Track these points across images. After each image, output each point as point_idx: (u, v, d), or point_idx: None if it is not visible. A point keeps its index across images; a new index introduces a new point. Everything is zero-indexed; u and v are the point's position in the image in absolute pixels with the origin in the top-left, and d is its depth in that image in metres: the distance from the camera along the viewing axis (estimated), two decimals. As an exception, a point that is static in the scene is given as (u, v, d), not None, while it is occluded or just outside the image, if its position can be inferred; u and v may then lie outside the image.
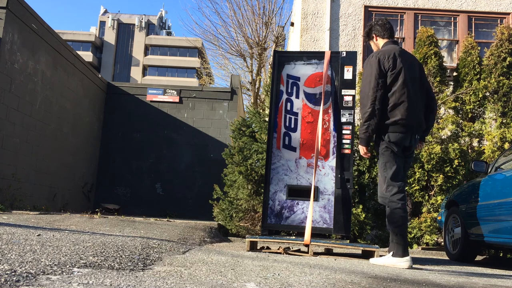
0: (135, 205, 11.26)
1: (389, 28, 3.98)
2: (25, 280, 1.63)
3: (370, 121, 3.64)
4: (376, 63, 3.70)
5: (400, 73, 3.67)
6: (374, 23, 4.05)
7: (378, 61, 3.70)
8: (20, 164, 8.15)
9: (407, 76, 3.68)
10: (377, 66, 3.68)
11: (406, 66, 3.71)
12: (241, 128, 6.63)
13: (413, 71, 3.77)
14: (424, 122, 3.86)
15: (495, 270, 4.19)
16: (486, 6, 8.96)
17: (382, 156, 3.75)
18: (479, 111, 7.55)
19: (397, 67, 3.68)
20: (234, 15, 16.23)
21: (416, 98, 3.75)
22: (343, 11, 8.95)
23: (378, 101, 3.63)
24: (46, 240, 2.85)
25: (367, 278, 2.57)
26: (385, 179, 3.70)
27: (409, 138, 3.72)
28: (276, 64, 4.68)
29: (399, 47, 3.89)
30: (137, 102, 11.92)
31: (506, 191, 4.15)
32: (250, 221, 6.28)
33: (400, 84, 3.66)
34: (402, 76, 3.67)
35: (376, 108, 3.62)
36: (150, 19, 59.93)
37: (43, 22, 8.67)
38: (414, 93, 3.72)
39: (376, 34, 4.00)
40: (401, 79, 3.66)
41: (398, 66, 3.68)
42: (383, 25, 3.98)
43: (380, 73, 3.66)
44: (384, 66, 3.67)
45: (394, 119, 3.64)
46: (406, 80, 3.67)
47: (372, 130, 3.67)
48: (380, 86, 3.64)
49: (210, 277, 2.10)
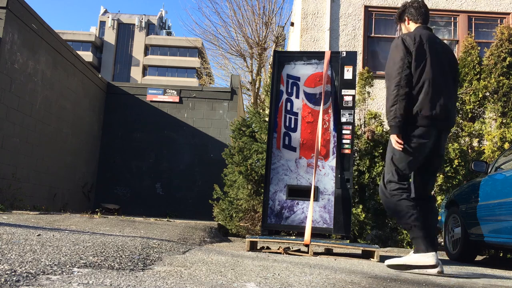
0: (135, 205, 11.26)
1: (424, 12, 3.60)
2: (25, 280, 1.63)
3: (396, 105, 3.26)
4: (401, 43, 3.38)
5: (425, 57, 3.33)
6: (409, 4, 3.67)
7: (402, 42, 3.36)
8: (20, 164, 8.15)
9: (433, 63, 3.32)
10: (403, 47, 3.34)
11: (434, 53, 3.35)
12: (241, 128, 6.63)
13: (440, 60, 3.39)
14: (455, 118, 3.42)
15: (495, 270, 4.19)
16: (486, 6, 8.96)
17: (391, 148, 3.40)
18: (479, 111, 7.55)
19: (421, 50, 3.33)
20: (234, 15, 16.24)
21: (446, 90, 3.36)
22: (343, 11, 8.95)
23: (405, 82, 3.27)
24: (46, 240, 2.85)
25: (367, 278, 2.57)
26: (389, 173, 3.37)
27: (433, 134, 3.31)
28: (276, 64, 4.68)
29: (432, 33, 3.53)
30: (137, 102, 11.92)
31: (506, 191, 4.15)
32: (250, 221, 6.27)
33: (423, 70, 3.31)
34: (426, 60, 3.33)
35: (403, 90, 3.26)
36: (150, 19, 59.95)
37: (43, 22, 8.67)
38: (441, 84, 3.34)
39: (408, 17, 3.63)
40: (426, 64, 3.32)
41: (422, 48, 3.33)
42: (419, 8, 3.59)
43: (406, 53, 3.33)
44: (410, 48, 3.32)
45: (416, 109, 3.28)
46: (430, 65, 3.31)
47: (402, 114, 3.25)
48: (405, 67, 3.28)
49: (210, 277, 2.10)
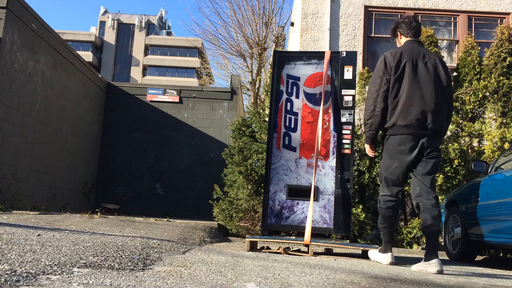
0: (135, 205, 11.25)
1: (415, 26, 3.75)
2: (25, 280, 1.63)
3: (372, 119, 3.57)
4: (382, 60, 3.60)
5: (403, 72, 3.50)
6: (401, 20, 3.84)
7: (384, 59, 3.59)
8: (20, 164, 8.15)
9: (411, 78, 3.48)
10: (383, 64, 3.57)
11: (411, 63, 3.51)
12: (241, 128, 6.63)
13: (423, 73, 3.52)
14: (440, 124, 3.54)
15: (495, 270, 4.19)
16: (486, 6, 8.96)
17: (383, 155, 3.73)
18: (479, 111, 7.55)
19: (400, 65, 3.51)
20: (234, 15, 16.24)
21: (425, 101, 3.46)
22: (343, 11, 8.95)
23: (381, 98, 3.52)
24: (46, 240, 2.85)
25: (367, 278, 2.57)
26: (381, 181, 3.74)
27: (411, 141, 3.46)
28: (276, 64, 4.68)
29: (418, 46, 3.67)
30: (137, 102, 11.91)
31: (506, 191, 4.15)
32: (250, 221, 6.27)
33: (401, 83, 3.50)
34: (404, 74, 3.49)
35: (379, 106, 3.52)
36: (150, 19, 59.95)
37: (43, 22, 8.67)
38: (420, 96, 3.46)
39: (400, 31, 3.81)
40: (404, 77, 3.49)
41: (401, 64, 3.51)
42: (409, 23, 3.76)
43: (385, 70, 3.53)
44: (391, 65, 3.53)
45: (392, 120, 3.51)
46: (408, 78, 3.48)
47: (376, 128, 3.59)
48: (383, 84, 3.52)
49: (210, 277, 2.10)
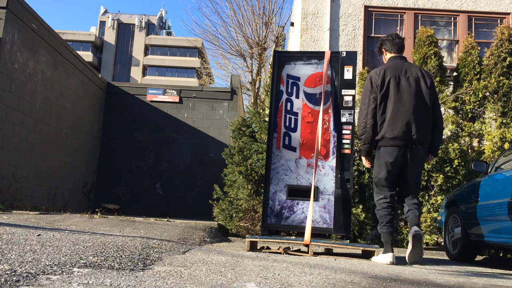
0: (135, 205, 11.26)
1: (398, 43, 4.06)
2: (25, 280, 1.63)
3: (365, 135, 3.91)
4: (368, 80, 3.95)
5: (388, 88, 3.84)
6: (385, 38, 4.17)
7: (370, 79, 3.94)
8: (20, 164, 8.15)
9: (395, 94, 3.83)
10: (369, 83, 3.92)
11: (394, 80, 3.85)
12: (241, 128, 6.63)
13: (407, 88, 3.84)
14: (425, 134, 3.86)
15: (495, 270, 4.19)
16: (486, 6, 8.95)
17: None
18: (479, 111, 7.54)
19: (384, 83, 3.85)
20: (234, 15, 16.23)
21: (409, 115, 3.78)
22: (343, 11, 8.94)
23: (371, 115, 3.87)
24: (46, 240, 2.85)
25: (367, 278, 2.57)
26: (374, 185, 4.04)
27: (398, 151, 3.81)
28: (276, 64, 4.68)
29: (402, 61, 3.97)
30: (137, 102, 11.91)
31: (506, 191, 4.14)
32: (250, 221, 6.27)
33: (386, 99, 3.85)
34: (389, 90, 3.83)
35: (370, 122, 3.87)
36: (150, 19, 59.92)
37: (43, 22, 8.67)
38: (405, 110, 3.78)
39: (385, 48, 4.14)
40: (389, 94, 3.83)
41: (385, 81, 3.85)
42: (392, 40, 4.09)
43: (371, 90, 3.88)
44: (376, 83, 3.87)
45: (381, 133, 3.84)
46: (392, 94, 3.82)
47: (369, 142, 3.92)
48: (371, 102, 3.87)
49: (210, 277, 2.10)
